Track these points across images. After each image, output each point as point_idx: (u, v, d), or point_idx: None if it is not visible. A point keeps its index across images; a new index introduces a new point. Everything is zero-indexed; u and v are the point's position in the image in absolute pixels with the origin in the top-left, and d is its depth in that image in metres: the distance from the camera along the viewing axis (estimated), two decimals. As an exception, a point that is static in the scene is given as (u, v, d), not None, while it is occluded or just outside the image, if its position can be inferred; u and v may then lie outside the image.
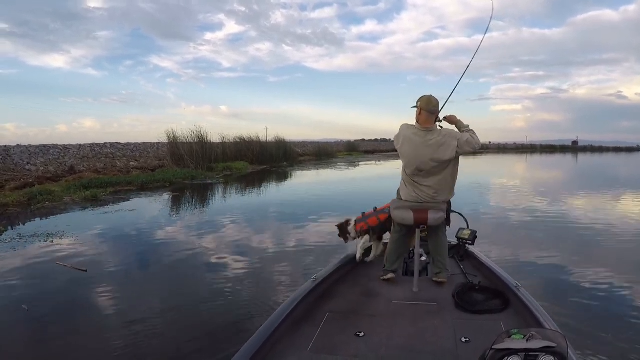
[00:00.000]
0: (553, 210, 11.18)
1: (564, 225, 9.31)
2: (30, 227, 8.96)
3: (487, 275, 3.76)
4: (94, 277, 5.68)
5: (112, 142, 28.01)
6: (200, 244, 7.55)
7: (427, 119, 3.55)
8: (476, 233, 4.32)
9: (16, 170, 17.43)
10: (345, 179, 21.75)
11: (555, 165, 38.19)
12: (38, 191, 12.83)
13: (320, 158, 42.06)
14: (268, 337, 2.50)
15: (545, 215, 10.40)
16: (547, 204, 12.45)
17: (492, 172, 28.01)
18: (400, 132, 3.66)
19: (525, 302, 2.92)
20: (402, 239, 3.79)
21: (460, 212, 4.45)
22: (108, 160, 23.59)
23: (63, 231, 8.39)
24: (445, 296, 3.34)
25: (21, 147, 20.96)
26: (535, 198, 13.75)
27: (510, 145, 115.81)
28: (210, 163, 23.50)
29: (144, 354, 3.66)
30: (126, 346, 3.76)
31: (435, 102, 3.58)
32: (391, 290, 3.53)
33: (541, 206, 11.91)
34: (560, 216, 10.40)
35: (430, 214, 3.47)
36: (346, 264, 4.02)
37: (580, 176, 26.50)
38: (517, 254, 6.72)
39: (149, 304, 4.81)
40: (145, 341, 3.87)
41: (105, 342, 3.85)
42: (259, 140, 31.68)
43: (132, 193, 14.57)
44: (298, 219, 9.90)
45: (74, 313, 4.62)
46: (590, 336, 3.78)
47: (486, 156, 57.25)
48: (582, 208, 11.78)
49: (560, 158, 51.45)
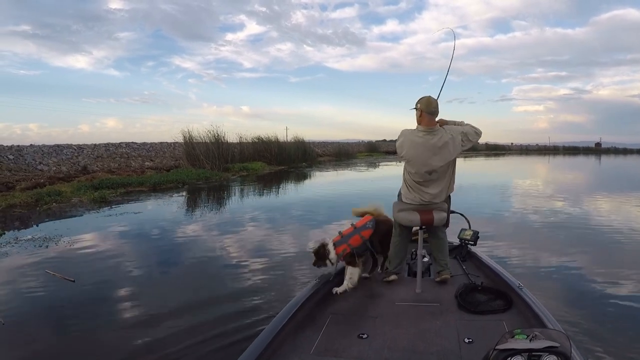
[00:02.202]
0: (576, 213, 10.73)
1: (590, 228, 8.85)
2: (31, 230, 8.57)
3: (490, 275, 3.75)
4: (81, 289, 5.18)
5: (127, 142, 27.59)
6: (204, 253, 6.94)
7: (430, 120, 3.53)
8: (478, 233, 4.29)
9: (28, 170, 17.15)
10: (361, 180, 20.92)
11: (578, 167, 36.69)
12: (46, 192, 12.53)
13: (339, 158, 41.28)
14: (271, 340, 2.47)
15: (569, 219, 9.95)
16: (571, 206, 11.95)
17: (513, 174, 26.94)
18: (404, 138, 3.59)
19: (528, 302, 2.91)
20: (404, 241, 3.77)
21: (462, 212, 4.46)
22: (123, 160, 23.24)
23: (61, 235, 7.93)
24: (448, 297, 3.33)
25: (34, 146, 20.66)
26: (557, 201, 13.14)
27: (532, 146, 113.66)
28: (227, 163, 22.96)
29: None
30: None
31: (435, 102, 3.56)
32: (394, 292, 3.51)
33: (563, 209, 11.40)
34: (584, 219, 9.95)
35: (435, 214, 3.53)
36: None
37: (602, 178, 25.39)
38: (538, 256, 6.52)
39: (133, 331, 4.12)
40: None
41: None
42: (277, 140, 30.98)
43: (142, 194, 14.06)
44: (304, 220, 9.48)
45: (52, 330, 4.16)
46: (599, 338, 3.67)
47: (508, 158, 55.91)
48: (605, 211, 11.25)
49: (583, 160, 50.08)
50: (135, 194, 14.09)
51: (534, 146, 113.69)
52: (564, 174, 28.33)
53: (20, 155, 18.46)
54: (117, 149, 25.42)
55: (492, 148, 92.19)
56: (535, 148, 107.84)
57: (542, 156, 64.46)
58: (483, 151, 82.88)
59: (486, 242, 6.85)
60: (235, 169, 22.69)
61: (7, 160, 17.40)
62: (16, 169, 16.84)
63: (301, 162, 32.00)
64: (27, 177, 16.02)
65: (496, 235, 7.89)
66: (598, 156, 66.04)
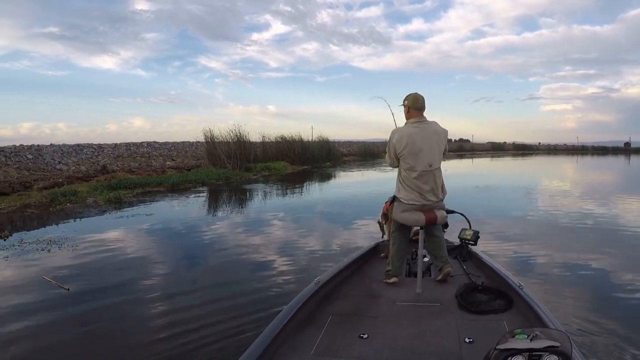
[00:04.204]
0: (608, 214, 10.22)
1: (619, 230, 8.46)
2: (38, 232, 8.14)
3: (490, 275, 3.71)
4: (75, 297, 4.76)
5: (149, 142, 27.36)
6: (212, 261, 6.36)
7: (418, 115, 3.61)
8: (478, 233, 4.29)
9: (46, 170, 16.91)
10: (384, 179, 20.13)
11: (607, 167, 34.93)
12: (61, 192, 12.17)
13: (365, 158, 40.29)
14: (272, 340, 2.43)
15: (600, 220, 9.41)
16: (600, 207, 11.32)
17: (543, 174, 25.81)
18: (399, 134, 3.61)
19: (529, 302, 2.87)
20: (405, 242, 3.80)
21: (462, 212, 4.46)
22: (144, 159, 22.96)
23: (66, 238, 7.46)
24: (448, 297, 3.31)
25: (54, 146, 20.46)
26: (585, 202, 12.39)
27: (560, 146, 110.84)
28: (249, 163, 22.48)
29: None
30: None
31: (422, 99, 3.63)
32: (394, 292, 3.48)
33: (591, 210, 10.75)
34: (613, 220, 9.51)
35: (438, 212, 3.54)
36: (349, 265, 3.92)
37: (630, 179, 24.31)
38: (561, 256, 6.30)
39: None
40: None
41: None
42: (301, 139, 30.32)
43: (159, 195, 13.55)
44: (319, 223, 8.96)
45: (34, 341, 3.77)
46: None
47: (535, 158, 54.35)
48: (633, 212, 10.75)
49: (612, 160, 48.32)
50: (152, 194, 13.61)
51: (562, 146, 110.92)
52: (591, 174, 26.99)
53: (40, 154, 18.26)
54: (139, 148, 25.19)
55: (519, 148, 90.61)
56: (564, 148, 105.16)
57: (570, 156, 62.69)
58: (510, 151, 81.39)
59: (510, 243, 7.04)
60: (257, 169, 22.19)
61: (26, 159, 17.19)
62: (34, 169, 16.61)
63: (325, 161, 31.30)
64: (45, 176, 15.78)
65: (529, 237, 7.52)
66: (627, 156, 63.96)
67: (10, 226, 8.73)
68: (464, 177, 21.73)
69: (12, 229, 8.40)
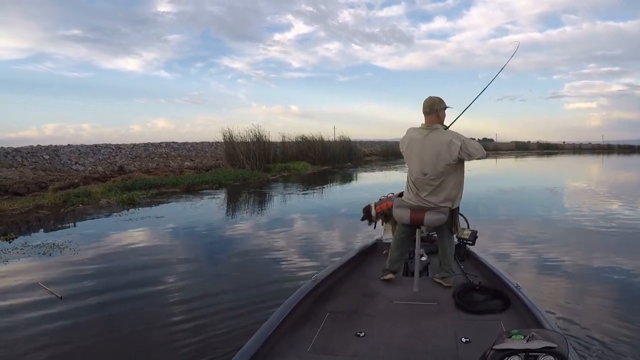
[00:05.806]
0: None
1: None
2: (44, 235, 7.87)
3: (488, 275, 3.69)
4: (66, 305, 4.53)
5: (167, 142, 27.11)
6: (220, 267, 5.94)
7: (428, 120, 3.50)
8: (476, 233, 4.26)
9: (62, 171, 16.72)
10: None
11: (634, 167, 33.78)
12: (75, 193, 11.91)
13: (387, 158, 39.36)
14: (268, 338, 2.40)
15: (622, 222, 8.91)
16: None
17: (571, 174, 24.80)
18: (406, 135, 3.60)
19: (526, 303, 2.83)
20: (406, 239, 3.72)
21: (461, 212, 4.26)
22: (162, 160, 22.72)
23: (71, 242, 7.15)
24: (445, 296, 3.28)
25: (71, 146, 20.28)
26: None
27: (585, 145, 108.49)
28: (268, 163, 22.05)
29: None
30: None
31: (426, 102, 3.50)
32: (391, 291, 3.46)
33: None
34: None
35: (427, 214, 3.43)
36: (347, 263, 3.87)
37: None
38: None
39: None
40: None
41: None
42: (322, 139, 29.76)
43: (173, 196, 13.16)
44: (332, 225, 8.33)
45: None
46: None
47: (561, 157, 52.98)
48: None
49: (638, 159, 46.75)
50: (166, 195, 13.24)
51: (587, 145, 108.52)
52: (621, 174, 25.93)
53: (56, 155, 18.10)
54: (157, 148, 24.97)
55: (544, 147, 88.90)
56: (589, 147, 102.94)
57: (595, 155, 61.11)
58: (535, 150, 79.82)
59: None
60: (276, 169, 21.75)
61: (43, 160, 17.04)
62: (50, 169, 16.44)
63: (346, 162, 30.68)
64: (62, 177, 15.60)
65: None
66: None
67: (18, 228, 8.49)
68: (488, 180, 20.89)
69: (19, 231, 8.14)
